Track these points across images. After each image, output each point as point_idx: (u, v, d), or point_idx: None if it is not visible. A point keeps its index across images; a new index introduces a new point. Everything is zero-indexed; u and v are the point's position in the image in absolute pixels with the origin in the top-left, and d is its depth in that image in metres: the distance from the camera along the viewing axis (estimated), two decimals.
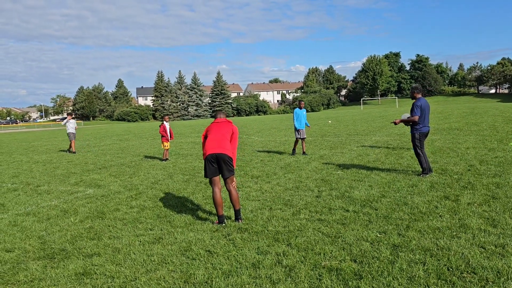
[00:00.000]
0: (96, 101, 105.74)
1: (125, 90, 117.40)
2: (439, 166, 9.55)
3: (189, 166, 11.96)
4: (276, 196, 7.57)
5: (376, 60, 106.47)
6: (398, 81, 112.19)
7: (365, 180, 8.46)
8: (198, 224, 6.06)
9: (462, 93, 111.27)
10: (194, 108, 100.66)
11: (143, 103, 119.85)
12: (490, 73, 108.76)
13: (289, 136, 21.18)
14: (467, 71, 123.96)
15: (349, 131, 22.25)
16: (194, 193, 8.21)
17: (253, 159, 12.69)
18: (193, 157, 14.09)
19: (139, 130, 39.79)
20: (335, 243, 4.94)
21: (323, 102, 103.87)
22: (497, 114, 28.94)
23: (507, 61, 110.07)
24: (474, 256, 4.33)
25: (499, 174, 8.33)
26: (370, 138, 17.53)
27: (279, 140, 18.90)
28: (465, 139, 14.80)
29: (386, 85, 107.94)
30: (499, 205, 6.13)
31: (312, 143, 16.74)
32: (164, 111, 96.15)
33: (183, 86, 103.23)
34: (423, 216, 5.82)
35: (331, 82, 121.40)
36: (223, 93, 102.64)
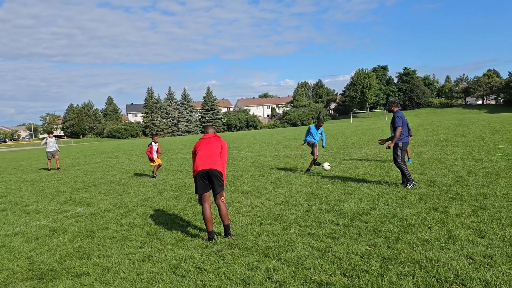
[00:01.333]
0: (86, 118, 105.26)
1: (115, 107, 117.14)
2: (428, 178, 9.64)
3: (180, 183, 11.92)
4: (267, 211, 7.57)
5: (364, 73, 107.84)
6: (386, 94, 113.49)
7: (355, 193, 8.50)
8: (188, 241, 6.03)
9: (449, 104, 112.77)
10: (185, 124, 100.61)
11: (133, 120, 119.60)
12: (477, 85, 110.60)
13: (279, 150, 21.24)
14: (454, 83, 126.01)
15: (338, 144, 22.39)
16: (185, 210, 8.18)
17: (244, 174, 12.70)
18: (184, 174, 14.06)
19: (129, 147, 39.61)
20: (325, 257, 4.94)
21: (313, 116, 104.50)
22: (485, 125, 29.35)
23: (492, 73, 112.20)
24: (462, 267, 4.36)
25: (487, 184, 8.43)
26: (359, 151, 17.65)
27: (269, 155, 18.94)
28: (453, 150, 14.97)
29: (375, 98, 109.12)
30: (487, 215, 6.20)
31: (302, 157, 16.81)
32: (154, 128, 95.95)
33: (173, 102, 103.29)
34: (412, 228, 5.86)
35: (320, 96, 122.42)
36: (213, 108, 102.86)
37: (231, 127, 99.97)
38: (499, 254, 4.64)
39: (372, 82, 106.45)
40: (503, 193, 7.53)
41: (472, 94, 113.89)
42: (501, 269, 4.25)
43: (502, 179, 8.84)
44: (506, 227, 5.58)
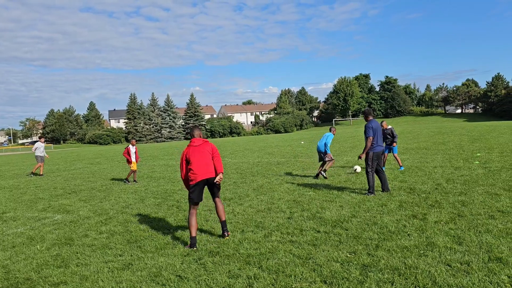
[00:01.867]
0: (67, 124, 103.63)
1: (97, 113, 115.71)
2: (408, 185, 9.78)
3: (161, 190, 11.82)
4: (248, 218, 7.56)
5: (347, 81, 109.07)
6: (368, 102, 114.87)
7: (336, 201, 8.56)
8: (169, 248, 5.98)
9: (430, 113, 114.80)
10: (168, 130, 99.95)
11: (115, 125, 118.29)
12: (456, 94, 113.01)
13: (262, 157, 21.27)
14: (434, 92, 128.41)
15: None
16: (166, 217, 8.11)
17: (226, 181, 12.67)
18: (165, 180, 13.95)
19: (111, 153, 39.12)
20: (306, 265, 4.96)
21: (296, 123, 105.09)
22: (463, 134, 29.95)
23: (471, 82, 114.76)
24: (440, 274, 4.43)
25: (465, 192, 8.59)
26: (341, 158, 17.80)
27: (252, 162, 18.95)
28: (433, 158, 15.23)
29: (357, 106, 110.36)
30: (465, 222, 6.31)
31: (285, 164, 16.86)
32: (137, 134, 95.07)
33: (156, 108, 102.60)
34: (392, 235, 5.92)
35: (303, 103, 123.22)
36: (196, 115, 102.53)
37: (214, 134, 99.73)
38: (475, 261, 4.72)
39: (354, 90, 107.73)
40: (480, 201, 7.69)
41: (451, 103, 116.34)
42: (477, 276, 4.32)
43: (479, 187, 9.02)
44: (482, 234, 5.69)
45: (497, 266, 4.53)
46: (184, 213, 8.34)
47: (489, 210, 6.97)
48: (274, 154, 22.74)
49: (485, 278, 4.26)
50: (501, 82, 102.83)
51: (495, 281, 4.19)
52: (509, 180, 9.58)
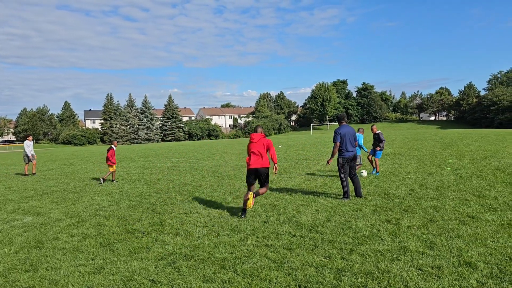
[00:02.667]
0: (40, 123, 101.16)
1: (71, 113, 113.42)
2: (382, 190, 9.93)
3: (136, 192, 11.65)
4: (224, 221, 7.52)
5: (325, 87, 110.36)
6: (345, 107, 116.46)
7: (312, 205, 8.62)
8: (143, 252, 5.89)
9: (405, 119, 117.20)
10: (145, 132, 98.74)
11: (91, 126, 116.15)
12: (430, 101, 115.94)
13: (239, 161, 21.25)
14: (409, 99, 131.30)
15: (298, 155, 22.68)
16: (141, 220, 7.99)
17: (203, 184, 12.59)
18: (141, 183, 13.77)
19: (86, 154, 38.37)
20: (281, 269, 4.96)
21: (274, 127, 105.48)
22: (436, 140, 30.65)
23: (444, 90, 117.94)
24: (412, 278, 4.50)
25: (437, 197, 8.78)
26: (318, 163, 17.95)
27: (230, 165, 18.90)
28: (407, 164, 15.52)
29: (335, 111, 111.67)
30: (436, 227, 6.45)
31: None
32: (113, 135, 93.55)
33: (133, 110, 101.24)
34: (366, 239, 5.99)
35: (282, 108, 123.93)
36: (174, 117, 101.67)
37: (192, 136, 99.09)
38: (446, 265, 4.82)
39: (332, 95, 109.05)
40: (451, 206, 7.87)
41: (425, 110, 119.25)
42: (448, 280, 4.42)
43: (451, 193, 9.24)
44: (453, 239, 5.82)
45: (467, 271, 4.63)
46: (159, 216, 8.24)
47: (460, 215, 7.14)
48: None
49: (455, 282, 4.35)
50: (473, 91, 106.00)
51: (465, 285, 4.28)
52: (479, 187, 9.84)
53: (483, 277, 4.47)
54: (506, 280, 4.36)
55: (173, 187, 12.26)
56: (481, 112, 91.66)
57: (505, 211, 7.28)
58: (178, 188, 12.10)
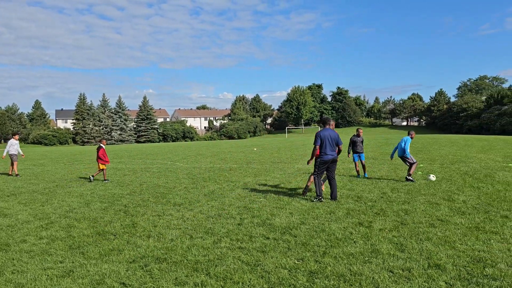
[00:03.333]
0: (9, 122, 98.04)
1: (43, 112, 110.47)
2: (355, 194, 10.06)
3: (109, 194, 11.43)
4: (198, 224, 7.46)
5: (300, 90, 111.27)
6: (320, 111, 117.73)
7: (286, 207, 8.65)
8: (114, 255, 5.77)
9: (378, 124, 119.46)
10: (118, 133, 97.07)
11: (62, 126, 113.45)
12: (402, 107, 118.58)
13: (214, 163, 21.16)
14: (382, 104, 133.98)
15: (273, 158, 22.75)
16: (112, 222, 7.83)
17: (177, 186, 12.47)
18: (113, 184, 13.51)
19: (57, 155, 37.42)
20: (254, 271, 4.95)
21: (250, 129, 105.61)
22: None
23: (416, 96, 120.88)
24: (383, 280, 4.57)
25: (408, 201, 8.96)
26: (293, 165, 18.05)
27: (204, 167, 18.79)
28: (380, 167, 15.79)
29: (310, 115, 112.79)
30: (407, 230, 6.57)
31: (237, 170, 16.86)
32: (85, 135, 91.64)
33: (107, 110, 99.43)
34: (339, 242, 6.05)
35: (257, 110, 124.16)
36: (149, 118, 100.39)
37: (167, 138, 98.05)
38: (416, 267, 4.92)
39: (307, 99, 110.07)
40: (421, 209, 8.05)
41: (398, 115, 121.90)
42: (418, 282, 4.50)
43: (421, 196, 9.45)
44: (423, 241, 5.94)
45: (436, 273, 4.74)
46: (132, 218, 8.11)
47: (430, 218, 7.31)
48: (227, 160, 22.69)
49: (425, 284, 4.44)
50: (443, 97, 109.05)
51: (434, 287, 4.38)
52: (449, 191, 10.10)
53: (452, 279, 4.57)
54: (473, 282, 4.48)
55: (147, 189, 12.09)
56: (451, 118, 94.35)
57: (473, 215, 7.49)
58: (151, 190, 11.94)
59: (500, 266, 4.88)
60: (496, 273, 4.69)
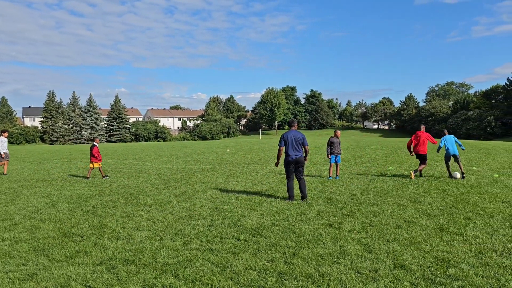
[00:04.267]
0: None
1: (9, 109, 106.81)
2: (326, 195, 10.19)
3: (77, 194, 11.16)
4: (168, 225, 7.39)
5: (274, 92, 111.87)
6: (294, 114, 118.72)
7: (258, 209, 8.67)
8: (80, 257, 5.64)
9: (350, 127, 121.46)
10: (89, 132, 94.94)
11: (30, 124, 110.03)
12: (373, 110, 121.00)
13: (186, 164, 20.99)
14: (354, 107, 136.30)
15: (246, 160, 22.77)
16: (79, 223, 7.66)
17: (147, 187, 12.30)
18: (82, 184, 13.21)
19: (23, 154, 36.27)
20: (223, 273, 4.94)
21: (223, 130, 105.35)
22: (378, 148, 31.96)
23: (387, 101, 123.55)
24: (350, 281, 4.64)
25: (377, 203, 9.14)
26: (265, 167, 18.12)
27: (176, 168, 18.61)
28: (350, 170, 16.04)
29: (283, 117, 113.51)
30: (375, 232, 6.71)
31: (210, 171, 16.79)
32: (54, 134, 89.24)
33: (77, 108, 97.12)
34: (308, 243, 6.12)
35: (231, 111, 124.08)
36: (120, 117, 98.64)
37: (139, 138, 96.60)
38: (383, 268, 5.02)
39: (281, 101, 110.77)
40: (389, 211, 8.23)
41: (369, 118, 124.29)
42: (384, 282, 4.60)
43: (389, 198, 9.66)
44: (390, 242, 6.08)
45: (401, 273, 4.85)
46: (100, 219, 7.95)
47: (397, 220, 7.48)
48: (199, 161, 22.56)
49: (390, 285, 4.54)
50: (413, 102, 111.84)
51: (399, 287, 4.48)
52: (416, 193, 10.36)
53: (416, 279, 4.69)
54: (436, 281, 4.61)
55: (116, 190, 11.88)
56: (420, 122, 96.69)
57: (438, 216, 7.71)
58: (121, 190, 11.74)
59: (462, 266, 5.04)
60: (458, 273, 4.84)
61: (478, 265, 5.10)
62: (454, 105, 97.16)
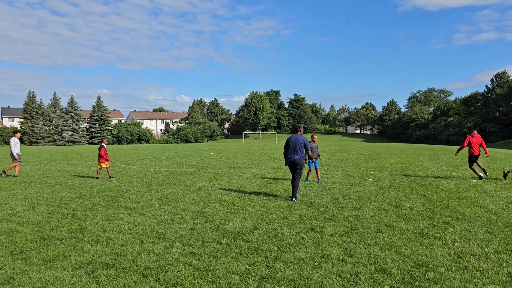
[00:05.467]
0: None
1: None
2: (308, 199, 10.24)
3: (56, 196, 10.97)
4: (150, 229, 7.32)
5: (258, 96, 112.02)
6: (277, 117, 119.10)
7: (240, 212, 8.67)
8: (59, 261, 5.54)
9: (333, 131, 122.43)
10: (70, 133, 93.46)
11: (8, 124, 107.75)
12: (356, 115, 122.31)
13: (169, 166, 20.84)
14: (337, 112, 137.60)
15: (229, 163, 22.73)
16: (59, 226, 7.52)
17: (129, 190, 12.17)
18: (62, 187, 12.99)
19: (1, 155, 35.49)
20: (205, 277, 4.92)
21: (207, 133, 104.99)
22: (360, 153, 32.27)
23: (369, 106, 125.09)
24: (331, 284, 4.67)
25: (358, 207, 9.23)
26: (248, 171, 18.11)
27: (159, 171, 18.46)
28: (333, 174, 16.16)
29: (267, 121, 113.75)
30: (356, 236, 6.77)
31: (193, 174, 16.70)
32: (34, 135, 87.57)
33: (58, 109, 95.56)
34: (290, 247, 6.13)
35: (215, 115, 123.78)
36: (103, 119, 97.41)
37: (121, 140, 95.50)
38: (363, 272, 5.07)
39: (265, 105, 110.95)
40: (371, 215, 8.31)
41: (352, 123, 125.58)
42: (364, 286, 4.64)
43: (371, 203, 9.76)
44: (371, 246, 6.14)
45: (382, 277, 4.91)
46: (80, 222, 7.83)
47: (378, 224, 7.56)
48: (182, 164, 22.42)
49: None
50: (395, 107, 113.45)
51: None
52: (397, 197, 10.50)
53: (396, 282, 4.75)
54: (416, 285, 4.67)
55: (97, 192, 11.72)
56: (401, 128, 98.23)
57: (418, 221, 7.82)
58: (102, 193, 11.58)
59: (441, 270, 5.13)
60: (437, 276, 4.92)
61: (456, 269, 5.20)
62: (434, 111, 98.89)
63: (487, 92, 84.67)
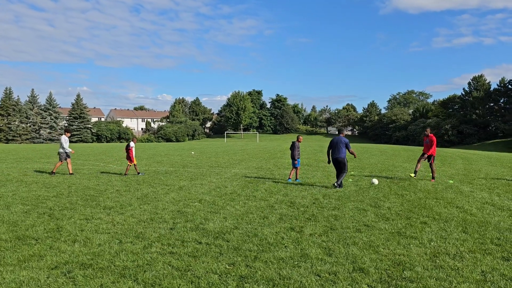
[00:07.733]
0: None
1: None
2: (289, 199, 10.29)
3: (32, 195, 10.75)
4: (129, 228, 7.24)
5: (240, 96, 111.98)
6: (259, 117, 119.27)
7: (221, 212, 8.65)
8: (34, 261, 5.43)
9: (314, 132, 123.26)
10: (48, 131, 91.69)
11: None
12: (337, 116, 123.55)
13: (149, 165, 20.65)
14: (319, 113, 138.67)
15: (211, 163, 22.66)
16: (35, 226, 7.37)
17: (108, 189, 12.01)
18: (39, 185, 12.73)
19: None
20: (184, 277, 4.89)
21: (188, 133, 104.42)
22: None
23: (350, 107, 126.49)
24: (310, 284, 4.71)
25: (338, 207, 9.32)
26: (230, 170, 18.09)
27: (139, 170, 18.25)
28: (313, 174, 16.27)
29: (249, 120, 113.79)
30: (336, 235, 6.83)
31: (173, 173, 16.59)
32: (10, 132, 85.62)
33: (36, 106, 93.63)
34: (270, 247, 6.15)
35: (197, 114, 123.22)
36: (82, 116, 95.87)
37: (101, 138, 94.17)
38: (342, 271, 5.12)
39: (247, 105, 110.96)
40: (350, 215, 8.40)
41: (333, 124, 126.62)
42: (342, 285, 4.69)
43: (350, 203, 9.87)
44: (350, 246, 6.21)
45: (360, 276, 4.97)
46: (57, 221, 7.68)
47: (357, 224, 7.65)
48: (163, 163, 22.25)
49: (349, 287, 4.63)
50: (375, 109, 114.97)
51: None
52: (375, 198, 10.64)
53: (374, 281, 4.82)
54: (393, 284, 4.75)
55: (75, 191, 11.53)
56: (381, 129, 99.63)
57: (396, 220, 7.94)
58: (80, 192, 11.40)
59: (417, 269, 5.22)
60: (413, 275, 5.00)
61: (432, 268, 5.30)
62: (414, 113, 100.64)
63: (464, 95, 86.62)
